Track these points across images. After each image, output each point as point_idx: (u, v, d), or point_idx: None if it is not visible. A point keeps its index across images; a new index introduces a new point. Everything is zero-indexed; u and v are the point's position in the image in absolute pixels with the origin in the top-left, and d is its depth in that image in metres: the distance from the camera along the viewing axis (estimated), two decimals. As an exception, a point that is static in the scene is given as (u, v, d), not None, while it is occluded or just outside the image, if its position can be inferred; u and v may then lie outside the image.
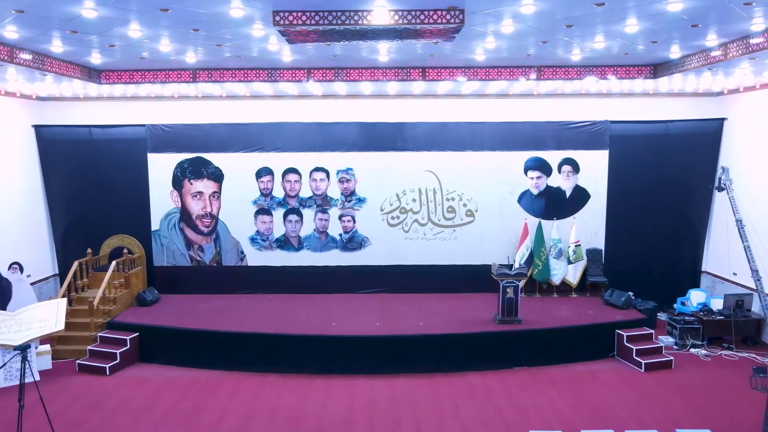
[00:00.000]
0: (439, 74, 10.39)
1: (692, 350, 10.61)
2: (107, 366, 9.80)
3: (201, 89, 11.31)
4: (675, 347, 10.71)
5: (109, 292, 11.21)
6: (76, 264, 11.46)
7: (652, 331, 10.48)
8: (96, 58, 9.22)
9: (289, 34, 7.02)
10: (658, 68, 10.21)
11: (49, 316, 9.84)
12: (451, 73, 10.38)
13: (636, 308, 11.33)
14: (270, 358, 9.92)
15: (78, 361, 10.05)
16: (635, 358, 9.91)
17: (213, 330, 10.30)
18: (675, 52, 9.01)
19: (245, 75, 10.42)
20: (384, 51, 8.84)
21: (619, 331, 10.33)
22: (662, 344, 10.27)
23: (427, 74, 10.37)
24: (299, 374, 9.69)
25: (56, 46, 8.22)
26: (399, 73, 10.37)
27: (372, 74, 10.37)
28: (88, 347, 10.24)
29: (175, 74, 10.40)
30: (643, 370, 9.74)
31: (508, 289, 10.39)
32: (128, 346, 10.19)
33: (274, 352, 9.97)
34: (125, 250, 12.08)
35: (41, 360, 9.96)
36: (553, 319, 10.78)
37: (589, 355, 10.26)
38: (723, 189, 10.01)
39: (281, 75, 10.39)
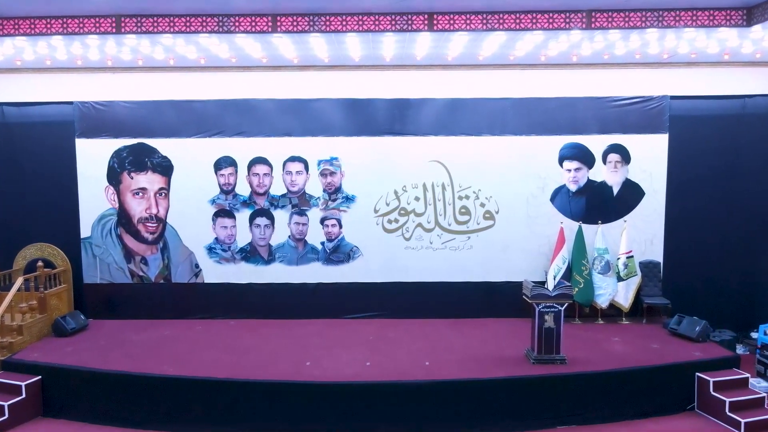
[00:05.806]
0: (451, 22, 7.63)
1: (798, 400, 7.82)
2: (-13, 426, 7.05)
3: (133, 47, 8.47)
4: (773, 395, 7.93)
5: (11, 319, 8.55)
6: (-29, 281, 8.81)
7: (748, 375, 7.66)
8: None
9: None
10: (753, 11, 7.46)
11: None
12: (467, 21, 7.64)
13: (713, 341, 8.57)
14: (216, 414, 7.24)
15: (-49, 418, 7.28)
16: (729, 414, 7.08)
17: (141, 373, 7.57)
18: (796, -25, 6.30)
19: (188, 24, 7.70)
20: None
21: (701, 375, 7.54)
22: (764, 393, 7.45)
23: (435, 22, 7.63)
24: (256, 438, 7.00)
25: None
26: (397, 20, 7.64)
27: (360, 22, 7.64)
28: (-31, 397, 7.50)
29: (92, 22, 7.67)
30: (742, 433, 6.93)
31: (546, 317, 7.67)
32: (23, 396, 7.46)
33: (223, 406, 7.25)
34: (39, 263, 9.37)
35: None
36: (606, 357, 8.04)
37: (658, 409, 7.53)
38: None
39: (237, 24, 7.68)
